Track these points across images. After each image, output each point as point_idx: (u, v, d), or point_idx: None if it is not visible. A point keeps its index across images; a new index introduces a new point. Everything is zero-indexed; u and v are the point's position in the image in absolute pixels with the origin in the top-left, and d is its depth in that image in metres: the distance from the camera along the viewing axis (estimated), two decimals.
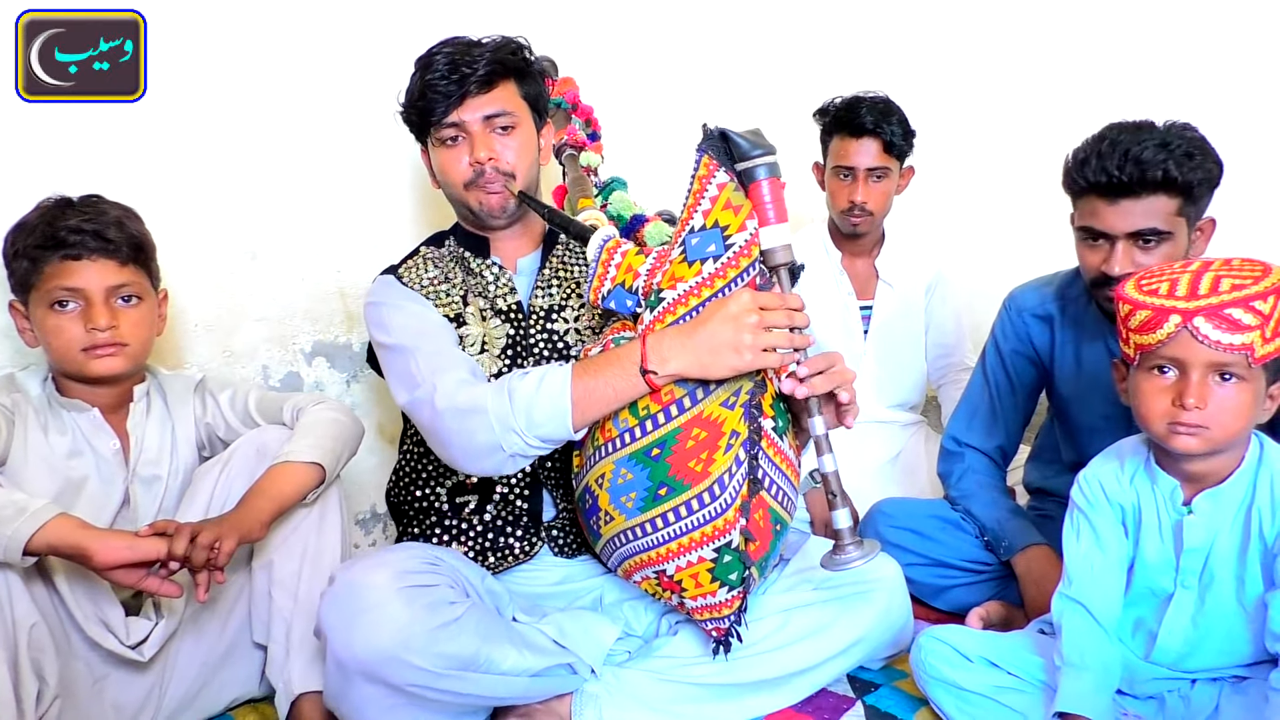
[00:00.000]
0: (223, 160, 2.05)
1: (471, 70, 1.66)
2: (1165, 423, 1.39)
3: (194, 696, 1.66)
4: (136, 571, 1.41)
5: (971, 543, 2.04)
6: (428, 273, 1.76)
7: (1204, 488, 1.45)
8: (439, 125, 1.70)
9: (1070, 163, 1.77)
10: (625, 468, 1.49)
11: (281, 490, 1.57)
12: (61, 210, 1.58)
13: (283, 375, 2.20)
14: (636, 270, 1.52)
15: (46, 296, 1.56)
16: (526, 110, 1.75)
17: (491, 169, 1.69)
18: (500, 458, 1.48)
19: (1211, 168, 1.69)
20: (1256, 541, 1.43)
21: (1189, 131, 1.71)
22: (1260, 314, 1.31)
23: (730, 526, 1.46)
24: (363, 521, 2.36)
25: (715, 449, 1.46)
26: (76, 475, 1.60)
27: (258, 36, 2.08)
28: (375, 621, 1.37)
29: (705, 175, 1.46)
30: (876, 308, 2.59)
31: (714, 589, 1.50)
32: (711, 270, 1.47)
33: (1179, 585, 1.49)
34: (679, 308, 1.48)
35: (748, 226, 1.45)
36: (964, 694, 1.56)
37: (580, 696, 1.59)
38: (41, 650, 1.43)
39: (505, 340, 1.73)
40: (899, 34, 3.09)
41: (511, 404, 1.45)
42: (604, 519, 1.53)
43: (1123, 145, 1.68)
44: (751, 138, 1.44)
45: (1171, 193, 1.66)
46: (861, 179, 2.41)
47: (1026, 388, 2.09)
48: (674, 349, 1.43)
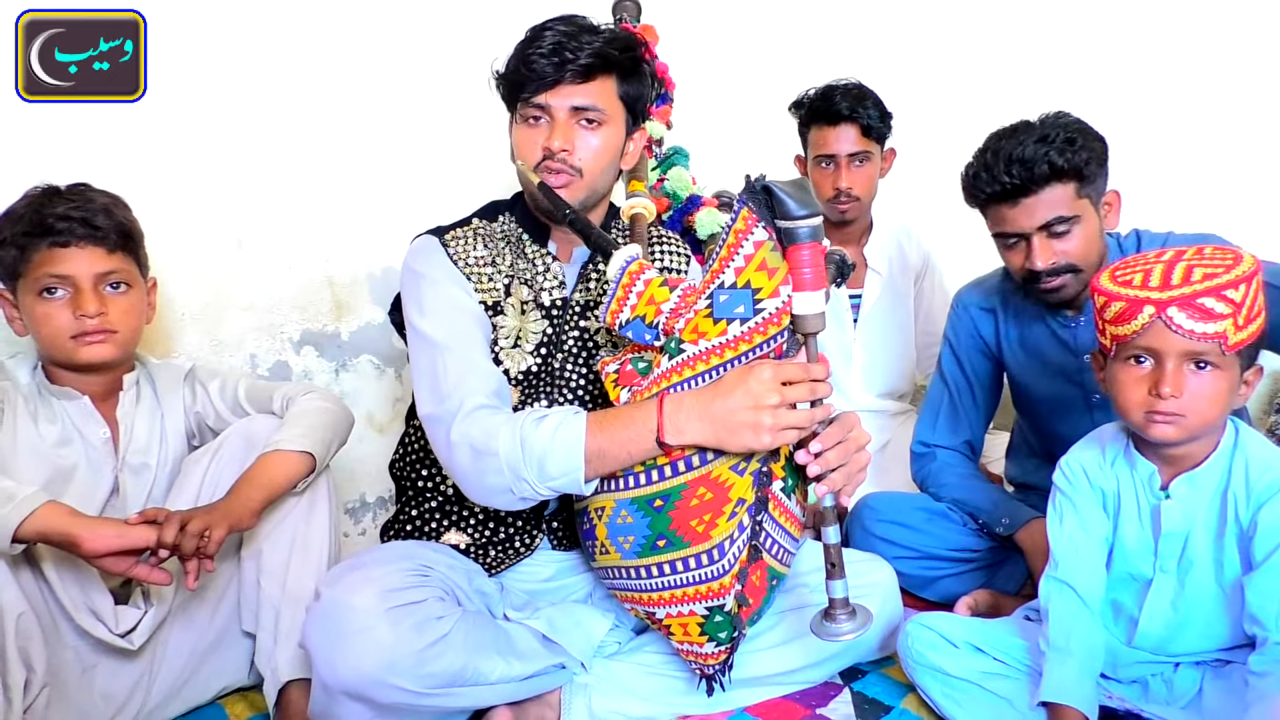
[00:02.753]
0: (211, 150, 2.05)
1: (574, 57, 1.56)
2: (1142, 411, 1.41)
3: (183, 685, 1.66)
4: (126, 559, 1.41)
5: (958, 532, 2.06)
6: (475, 250, 1.67)
7: (1181, 472, 1.47)
8: (526, 103, 1.61)
9: (965, 180, 1.85)
10: (626, 510, 1.47)
11: (272, 479, 1.57)
12: (49, 198, 1.58)
13: (271, 364, 2.19)
14: (659, 306, 1.46)
15: (35, 284, 1.56)
16: (620, 110, 1.64)
17: (562, 159, 1.59)
18: (509, 499, 1.46)
19: (1095, 145, 1.76)
20: (1233, 525, 1.45)
21: (1063, 118, 1.79)
22: (1232, 302, 1.33)
23: (725, 591, 1.44)
24: (352, 510, 2.36)
25: (719, 514, 1.42)
26: (66, 463, 1.59)
27: (252, 33, 2.08)
28: (361, 645, 1.35)
29: (743, 230, 1.38)
30: (865, 296, 2.60)
31: (702, 641, 1.49)
32: (737, 333, 1.40)
33: (1158, 570, 1.51)
34: (699, 364, 1.42)
35: (781, 293, 1.37)
36: (950, 680, 1.58)
37: (570, 687, 1.60)
38: (29, 639, 1.43)
39: (541, 337, 1.66)
40: (886, 25, 3.09)
41: (524, 453, 1.42)
42: (600, 549, 1.52)
43: (1005, 151, 1.76)
44: (798, 195, 1.33)
45: (1064, 180, 1.74)
46: (844, 165, 2.43)
47: (983, 382, 2.13)
48: (690, 420, 1.39)
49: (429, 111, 2.33)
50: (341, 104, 2.21)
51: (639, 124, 1.71)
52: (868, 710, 1.66)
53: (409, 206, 2.29)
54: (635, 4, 1.90)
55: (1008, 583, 2.01)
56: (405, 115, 2.30)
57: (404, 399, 2.39)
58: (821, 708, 1.67)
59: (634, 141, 1.72)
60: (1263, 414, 2.52)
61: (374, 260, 2.32)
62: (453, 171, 2.34)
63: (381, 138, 2.27)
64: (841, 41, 2.88)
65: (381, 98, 2.26)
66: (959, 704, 1.56)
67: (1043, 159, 1.72)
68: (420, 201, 2.23)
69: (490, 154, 2.29)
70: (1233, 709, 1.39)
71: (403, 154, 2.31)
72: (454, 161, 2.35)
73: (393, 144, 2.29)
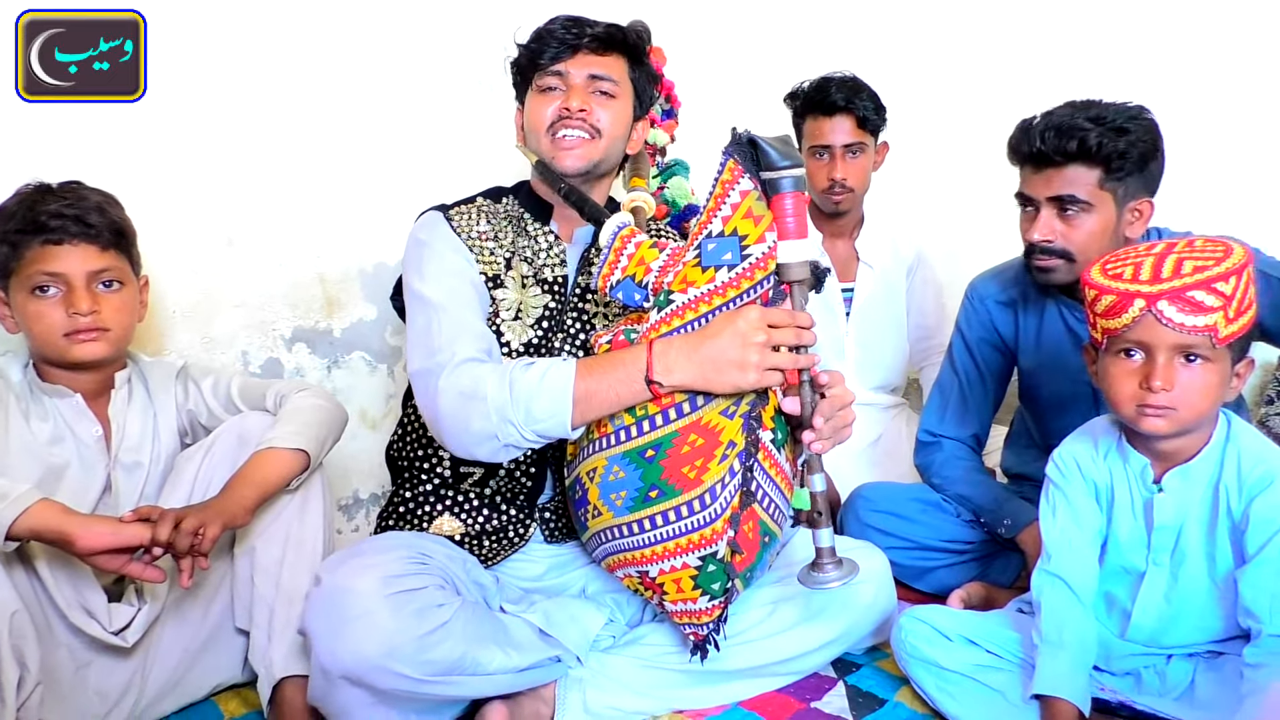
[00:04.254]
0: (206, 149, 2.05)
1: (591, 27, 1.68)
2: (1134, 405, 1.41)
3: (176, 682, 1.66)
4: (120, 557, 1.41)
5: (953, 524, 2.06)
6: (478, 225, 1.71)
7: (1173, 465, 1.48)
8: (543, 72, 1.68)
9: (1013, 133, 1.83)
10: (618, 465, 1.48)
11: (266, 476, 1.56)
12: (42, 195, 1.57)
13: (262, 361, 2.19)
14: (648, 265, 1.50)
15: (27, 281, 1.55)
16: (630, 91, 1.74)
17: (580, 119, 1.65)
18: (494, 446, 1.47)
19: (1144, 148, 1.73)
20: (1225, 518, 1.45)
21: (1136, 112, 1.75)
22: (1222, 295, 1.33)
23: (718, 537, 1.46)
24: (345, 507, 2.36)
25: (710, 458, 1.45)
26: (58, 461, 1.59)
27: (249, 32, 2.08)
28: (362, 630, 1.36)
29: (729, 180, 1.43)
30: (857, 289, 2.61)
31: (695, 596, 1.50)
32: (725, 279, 1.44)
33: (1151, 563, 1.52)
34: (687, 313, 1.46)
35: (766, 239, 1.42)
36: (944, 673, 1.58)
37: (565, 681, 1.60)
38: (23, 637, 1.42)
39: (542, 311, 1.70)
40: (880, 26, 3.09)
41: (512, 395, 1.43)
42: (592, 512, 1.53)
43: (1055, 117, 1.75)
44: (781, 148, 1.40)
45: (1090, 163, 1.72)
46: (839, 156, 2.44)
47: (994, 374, 2.12)
48: (679, 360, 1.42)
49: (421, 108, 2.32)
50: (333, 101, 2.20)
51: (643, 113, 1.79)
52: (862, 704, 1.67)
53: (400, 203, 2.27)
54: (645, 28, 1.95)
55: (1001, 575, 2.02)
56: (396, 112, 2.29)
57: (396, 395, 2.39)
58: (816, 701, 1.68)
59: (638, 130, 1.79)
60: (1254, 405, 2.54)
61: (365, 257, 2.31)
62: (445, 168, 2.33)
63: (373, 135, 2.27)
64: (835, 48, 2.87)
65: (373, 95, 2.26)
66: (953, 697, 1.57)
67: (1077, 135, 1.70)
68: (412, 198, 2.21)
69: (483, 151, 2.30)
70: (1225, 700, 1.40)
71: (394, 150, 2.31)
72: (446, 158, 2.35)
73: (384, 141, 2.29)
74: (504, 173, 1.78)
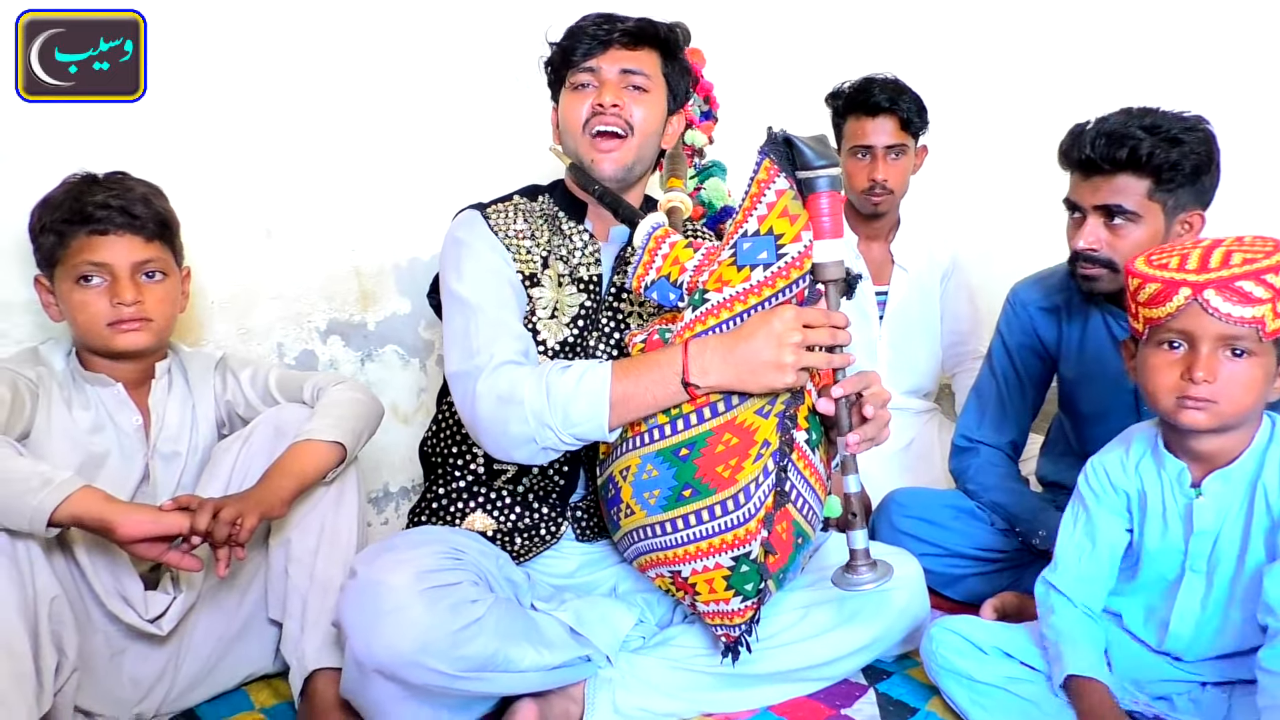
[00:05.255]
0: (240, 139, 2.05)
1: (623, 22, 1.67)
2: (1174, 397, 1.38)
3: (209, 671, 1.68)
4: (158, 545, 1.42)
5: (986, 531, 2.04)
6: (515, 224, 1.72)
7: (1213, 469, 1.44)
8: (576, 69, 1.68)
9: (1065, 137, 1.79)
10: (652, 464, 1.48)
11: (303, 468, 1.57)
12: (88, 186, 1.58)
13: (297, 353, 2.20)
14: (683, 264, 1.50)
15: (72, 271, 1.56)
16: (663, 85, 1.72)
17: (614, 114, 1.65)
18: (532, 449, 1.47)
19: (1198, 160, 1.68)
20: (1263, 516, 1.41)
21: (1191, 123, 1.71)
22: (1272, 287, 1.30)
23: (751, 537, 1.45)
24: (375, 500, 2.36)
25: (745, 457, 1.44)
26: (98, 450, 1.60)
27: (273, 21, 2.07)
28: (396, 625, 1.36)
29: (765, 179, 1.42)
30: (892, 293, 2.59)
31: (728, 596, 1.49)
32: (760, 278, 1.44)
33: (1188, 569, 1.48)
34: (723, 312, 1.46)
35: (802, 238, 1.41)
36: (976, 685, 1.57)
37: (594, 681, 1.60)
38: (62, 623, 1.43)
39: (578, 310, 1.70)
40: (920, 30, 3.08)
41: (549, 399, 1.43)
42: (625, 511, 1.53)
43: (1109, 124, 1.71)
44: (817, 147, 1.39)
45: (1140, 173, 1.68)
46: (880, 157, 2.43)
47: (1035, 381, 2.10)
48: (715, 361, 1.42)
49: (456, 104, 2.33)
50: (371, 96, 2.21)
51: (677, 108, 1.77)
52: (892, 711, 1.66)
53: (435, 198, 2.28)
54: (684, 28, 1.93)
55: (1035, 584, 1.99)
56: (432, 108, 2.30)
57: (429, 389, 2.39)
58: (846, 708, 1.67)
59: (673, 124, 1.78)
60: None
61: (400, 251, 2.32)
62: (480, 164, 2.33)
63: (408, 131, 2.27)
64: (870, 52, 2.85)
65: (409, 92, 2.26)
66: (985, 709, 1.56)
67: (1127, 143, 1.67)
68: (446, 193, 2.23)
69: (518, 146, 2.30)
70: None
71: (429, 146, 2.31)
72: (481, 154, 2.35)
73: (419, 137, 2.29)
74: (538, 170, 1.77)
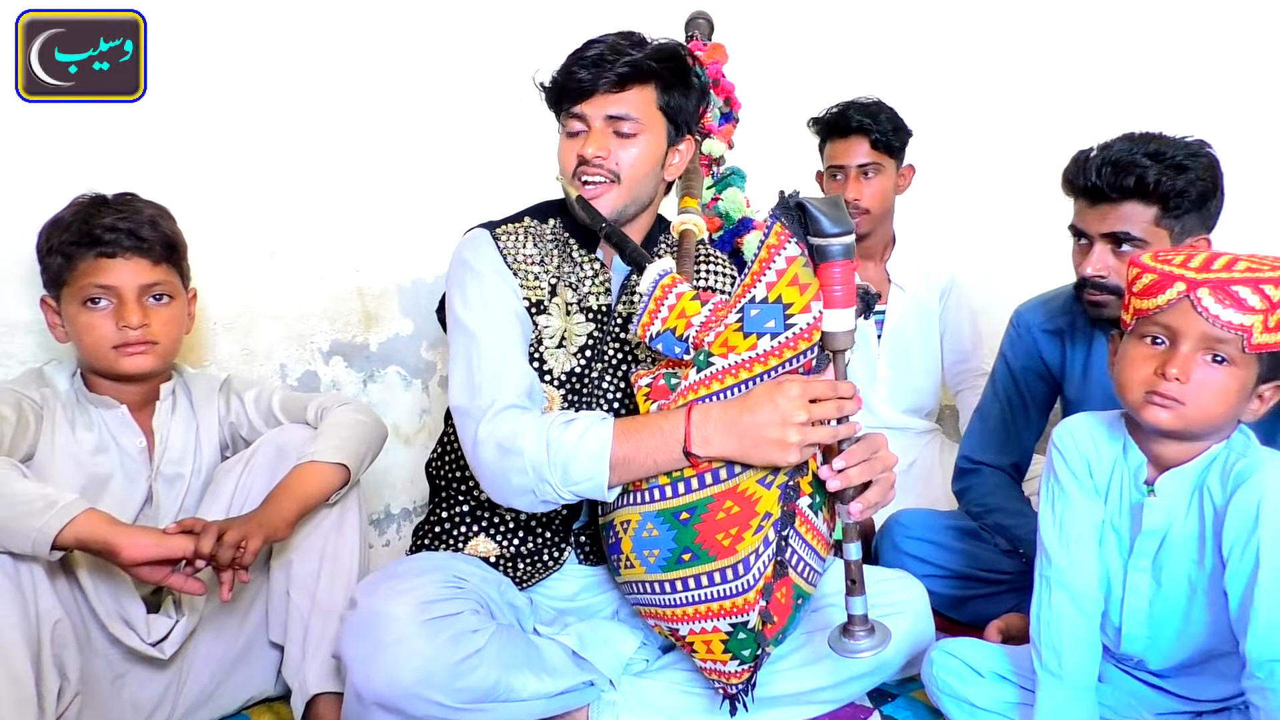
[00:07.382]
0: (242, 159, 2.06)
1: (610, 68, 1.59)
2: (1142, 390, 1.36)
3: (210, 694, 1.67)
4: (162, 569, 1.41)
5: (990, 552, 2.04)
6: (525, 248, 1.67)
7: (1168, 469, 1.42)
8: (567, 115, 1.64)
9: (1068, 165, 1.79)
10: (652, 523, 1.46)
11: (307, 490, 1.57)
12: (97, 208, 1.59)
13: (300, 374, 2.20)
14: (689, 319, 1.47)
15: (79, 293, 1.57)
16: (659, 120, 1.65)
17: (597, 164, 1.61)
18: (531, 500, 1.46)
19: (1203, 186, 1.68)
20: (1210, 515, 1.39)
21: (1195, 149, 1.71)
22: (1267, 298, 1.28)
23: (749, 607, 1.43)
24: (377, 521, 2.36)
25: (746, 527, 1.42)
26: (102, 471, 1.60)
27: (275, 34, 2.08)
28: (397, 657, 1.36)
29: (775, 245, 1.38)
30: (889, 312, 2.59)
31: (725, 659, 1.48)
32: (767, 348, 1.40)
33: (1131, 568, 1.47)
34: (727, 378, 1.43)
35: (812, 309, 1.37)
36: (977, 711, 1.56)
37: (598, 705, 1.60)
38: (64, 646, 1.43)
39: (586, 339, 1.67)
40: (916, 40, 3.10)
41: (549, 455, 1.42)
42: (625, 563, 1.51)
43: (1113, 151, 1.70)
44: (831, 213, 1.33)
45: (1147, 201, 1.68)
46: (853, 176, 2.46)
47: (1038, 403, 2.09)
48: (717, 433, 1.39)
49: (461, 124, 2.34)
50: (375, 117, 2.22)
51: (683, 135, 1.71)
52: None
53: (439, 219, 2.30)
54: (708, 22, 1.88)
55: None
56: (437, 128, 2.31)
57: (431, 410, 2.40)
58: None
59: (678, 153, 1.71)
60: None
61: (403, 272, 2.33)
62: (484, 185, 2.34)
63: (414, 150, 2.29)
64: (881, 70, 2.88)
65: (416, 110, 2.28)
66: None
67: (1134, 171, 1.66)
68: (450, 214, 2.24)
69: (523, 166, 2.29)
70: None
71: (433, 167, 2.32)
72: (486, 175, 2.36)
73: (425, 156, 2.30)
74: (543, 191, 1.77)
